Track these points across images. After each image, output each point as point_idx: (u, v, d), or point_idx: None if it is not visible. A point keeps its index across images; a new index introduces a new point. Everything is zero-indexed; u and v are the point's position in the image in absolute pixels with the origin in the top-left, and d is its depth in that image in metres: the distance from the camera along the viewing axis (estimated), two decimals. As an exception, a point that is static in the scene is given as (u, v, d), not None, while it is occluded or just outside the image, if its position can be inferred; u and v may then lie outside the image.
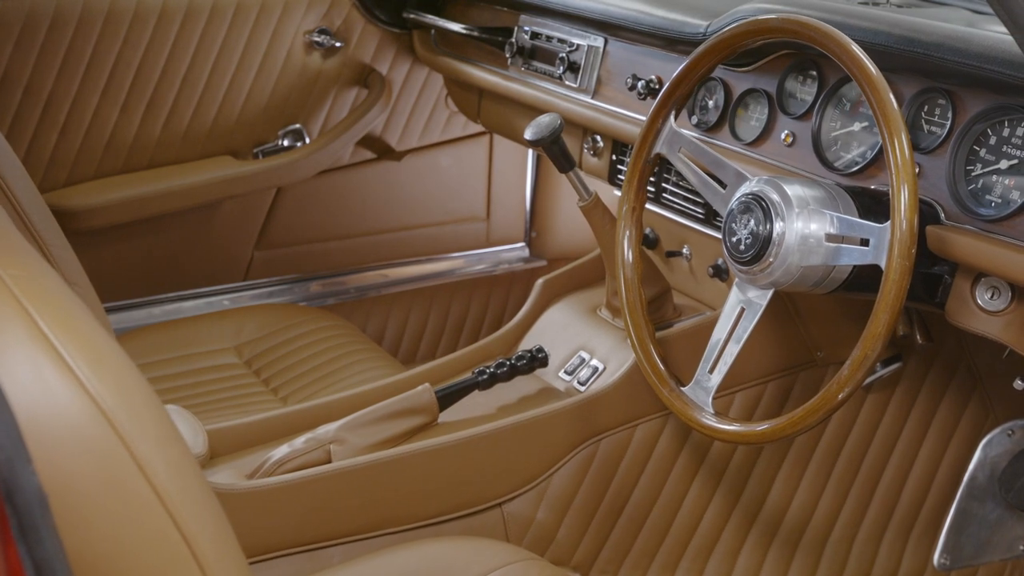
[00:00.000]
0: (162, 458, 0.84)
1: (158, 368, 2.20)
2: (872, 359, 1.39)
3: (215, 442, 1.81)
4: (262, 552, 1.69)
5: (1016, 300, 1.48)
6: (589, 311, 2.08)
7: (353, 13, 2.55)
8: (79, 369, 0.82)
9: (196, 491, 0.88)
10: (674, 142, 1.71)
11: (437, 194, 2.84)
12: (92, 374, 0.83)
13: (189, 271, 2.61)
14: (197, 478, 0.91)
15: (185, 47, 2.41)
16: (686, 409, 1.64)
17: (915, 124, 1.59)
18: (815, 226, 1.48)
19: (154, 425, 0.87)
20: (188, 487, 0.86)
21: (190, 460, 0.91)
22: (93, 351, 0.86)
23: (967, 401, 2.05)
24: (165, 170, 2.49)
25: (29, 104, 2.31)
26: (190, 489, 0.86)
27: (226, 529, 0.92)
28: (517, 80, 2.33)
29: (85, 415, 0.81)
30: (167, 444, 0.87)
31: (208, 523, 0.88)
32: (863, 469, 2.04)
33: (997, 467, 1.72)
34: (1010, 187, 1.47)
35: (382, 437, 1.79)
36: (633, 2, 2.05)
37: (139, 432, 0.83)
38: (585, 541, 1.91)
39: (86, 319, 0.91)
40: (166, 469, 0.84)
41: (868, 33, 1.59)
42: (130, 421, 0.83)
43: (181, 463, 0.88)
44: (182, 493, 0.84)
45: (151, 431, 0.85)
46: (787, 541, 2.02)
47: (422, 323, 2.84)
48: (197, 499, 0.87)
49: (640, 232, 1.79)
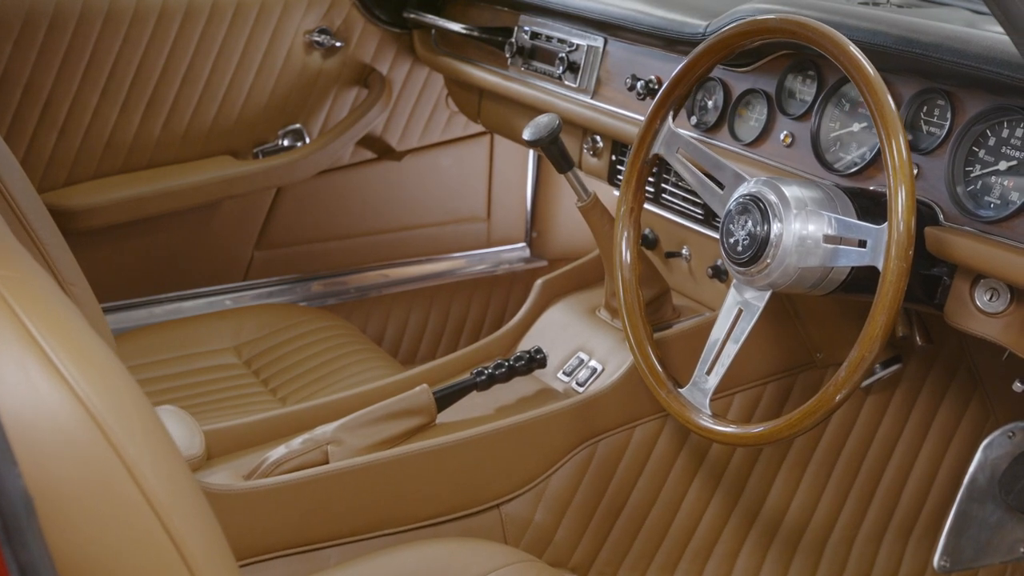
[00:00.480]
0: (151, 460, 0.84)
1: (157, 368, 2.20)
2: (869, 361, 1.38)
3: (213, 442, 1.80)
4: (259, 553, 1.69)
5: (1015, 302, 1.47)
6: (588, 312, 2.08)
7: (353, 13, 2.55)
8: (67, 371, 0.82)
9: (185, 493, 0.88)
10: (672, 143, 1.71)
11: (437, 194, 2.84)
12: (81, 376, 0.82)
13: (189, 271, 2.61)
14: (187, 480, 0.90)
15: (185, 46, 2.40)
16: (683, 411, 1.64)
17: (914, 125, 1.58)
18: (813, 227, 1.47)
19: (143, 427, 0.86)
20: (177, 489, 0.86)
21: (180, 462, 0.91)
22: (82, 354, 0.86)
23: (967, 403, 2.04)
24: (165, 170, 2.49)
25: (28, 104, 2.31)
26: (179, 492, 0.86)
27: (216, 531, 0.91)
28: (517, 80, 2.32)
29: (72, 417, 0.80)
30: (156, 446, 0.87)
31: (197, 526, 0.87)
32: (863, 471, 2.03)
33: (997, 469, 1.71)
34: (1009, 188, 1.46)
35: (380, 438, 1.79)
36: (632, 2, 2.04)
37: (128, 434, 0.83)
38: (583, 542, 1.91)
39: (76, 322, 0.91)
40: (155, 472, 0.84)
41: (867, 33, 1.58)
42: (118, 423, 0.82)
43: (170, 465, 0.88)
44: (171, 496, 0.84)
45: (140, 433, 0.85)
46: (786, 543, 2.01)
47: (422, 323, 2.84)
48: (186, 501, 0.87)
49: (638, 233, 1.78)
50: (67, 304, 0.94)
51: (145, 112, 2.43)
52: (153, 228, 2.53)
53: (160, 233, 2.54)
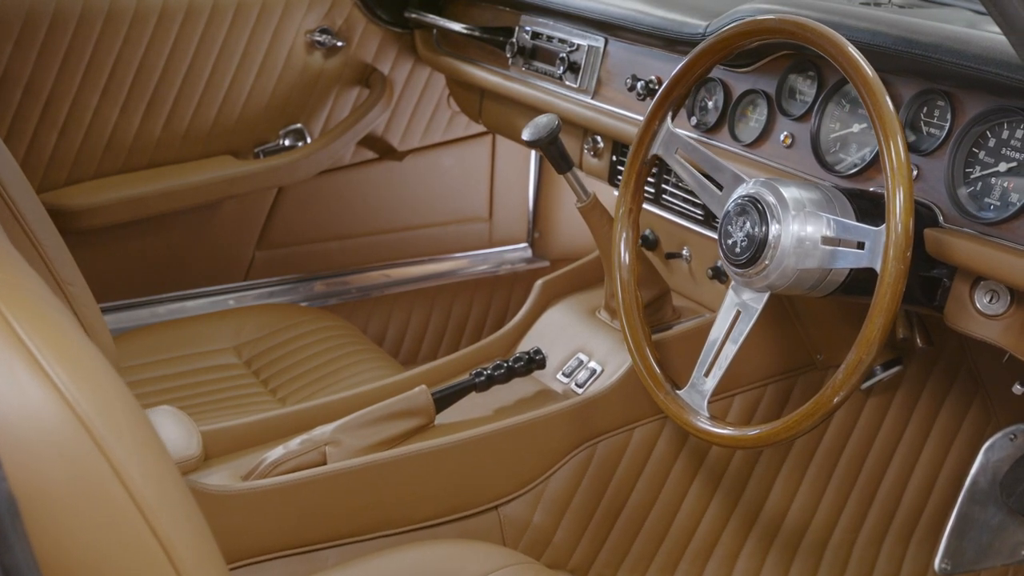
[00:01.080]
0: (138, 462, 0.84)
1: (157, 368, 2.20)
2: (867, 363, 1.38)
3: (211, 443, 1.80)
4: (257, 554, 1.69)
5: (1015, 304, 1.46)
6: (588, 313, 2.07)
7: (355, 13, 2.54)
8: (55, 373, 0.82)
9: (174, 495, 0.87)
10: (671, 143, 1.70)
11: (439, 194, 2.84)
12: (68, 379, 0.82)
13: (190, 271, 2.61)
14: (175, 482, 0.90)
15: (186, 46, 2.40)
16: (681, 412, 1.63)
17: (914, 126, 1.58)
18: (811, 229, 1.47)
19: (131, 429, 0.86)
20: (165, 491, 0.85)
21: (168, 464, 0.90)
22: (70, 356, 0.85)
23: (969, 404, 2.03)
24: (166, 169, 2.49)
25: (29, 103, 2.31)
26: (167, 493, 0.85)
27: (205, 534, 0.91)
28: (518, 80, 2.32)
29: (59, 419, 0.80)
30: (144, 448, 0.86)
31: (186, 528, 0.87)
32: (863, 472, 2.03)
33: (999, 471, 1.70)
34: (1009, 189, 1.46)
35: (378, 439, 1.78)
36: (633, 2, 2.04)
37: (115, 436, 0.82)
38: (582, 544, 1.90)
39: (66, 325, 0.91)
40: (143, 474, 0.83)
41: (866, 34, 1.58)
42: (106, 426, 0.82)
43: (159, 467, 0.87)
44: (159, 497, 0.83)
45: (128, 435, 0.85)
46: (786, 545, 2.00)
47: (424, 324, 2.84)
48: (175, 503, 0.87)
49: (637, 234, 1.77)
50: (58, 307, 0.94)
51: (146, 112, 2.42)
52: (154, 228, 2.53)
53: (161, 233, 2.54)
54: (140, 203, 2.45)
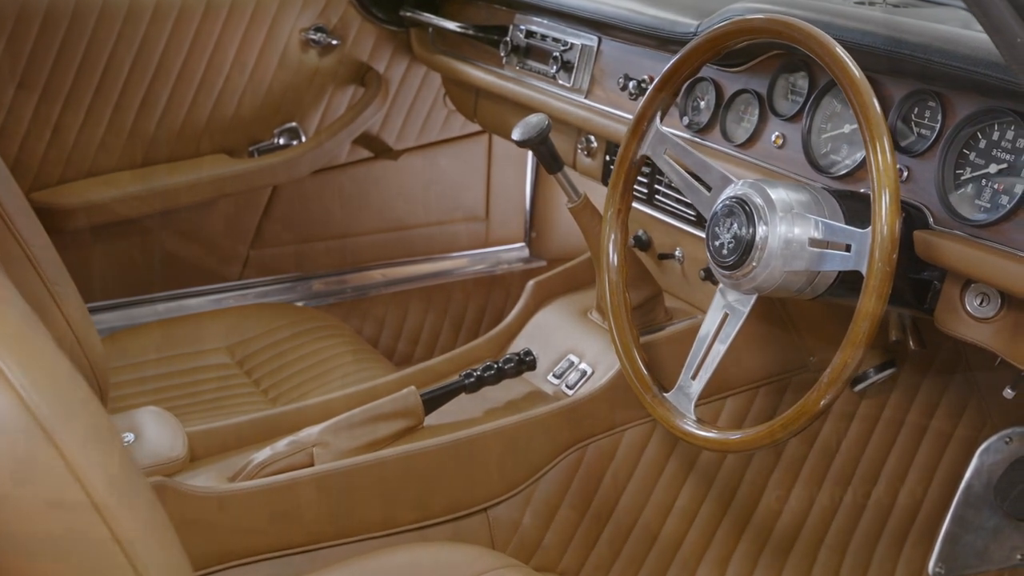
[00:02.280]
0: (99, 464, 0.83)
1: (148, 368, 2.20)
2: (852, 366, 1.36)
3: (198, 444, 1.79)
4: (243, 555, 1.68)
5: (1006, 307, 1.45)
6: (579, 314, 2.06)
7: (350, 11, 2.54)
8: (12, 374, 0.81)
9: (135, 498, 0.86)
10: (660, 144, 1.68)
11: (435, 193, 2.83)
12: (26, 379, 0.81)
13: (184, 270, 2.60)
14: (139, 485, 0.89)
15: (180, 44, 2.39)
16: (667, 415, 1.61)
17: (904, 126, 1.56)
18: (799, 231, 1.45)
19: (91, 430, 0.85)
20: (126, 493, 0.85)
21: (130, 466, 0.90)
22: (30, 357, 0.85)
23: (963, 407, 2.01)
24: (160, 168, 2.48)
25: (22, 102, 2.31)
26: (127, 495, 0.85)
27: (168, 535, 0.90)
28: (512, 79, 2.31)
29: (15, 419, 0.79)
30: (105, 450, 0.86)
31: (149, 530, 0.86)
32: (857, 475, 2.01)
33: (994, 475, 1.69)
34: (999, 191, 1.44)
35: (366, 440, 1.77)
36: (626, 1, 2.02)
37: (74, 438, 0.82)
38: (572, 547, 1.89)
39: (28, 325, 0.90)
40: (104, 476, 0.83)
41: (856, 34, 1.56)
42: (64, 427, 0.81)
43: (120, 469, 0.86)
44: (118, 499, 0.83)
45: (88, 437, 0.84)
46: (779, 549, 1.99)
47: (419, 324, 2.83)
48: (136, 505, 0.86)
49: (625, 235, 1.76)
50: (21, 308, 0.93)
51: (140, 110, 2.42)
52: (149, 227, 2.52)
53: (155, 232, 2.54)
54: (134, 202, 2.44)
